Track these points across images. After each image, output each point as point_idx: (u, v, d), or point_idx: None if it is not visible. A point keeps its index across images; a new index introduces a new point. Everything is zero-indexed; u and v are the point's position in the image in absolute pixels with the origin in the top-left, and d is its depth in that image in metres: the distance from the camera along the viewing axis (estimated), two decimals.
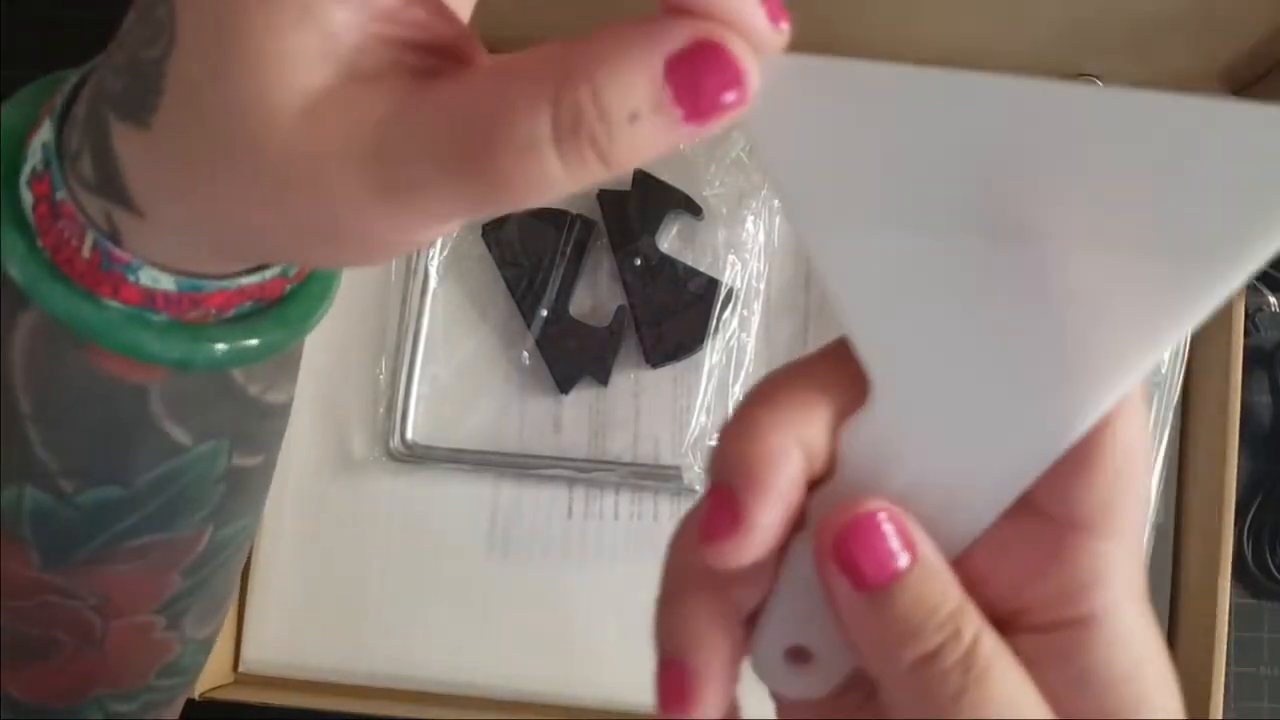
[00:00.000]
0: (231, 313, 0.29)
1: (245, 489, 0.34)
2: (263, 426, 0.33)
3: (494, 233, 0.62)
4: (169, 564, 0.33)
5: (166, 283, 0.27)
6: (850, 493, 0.25)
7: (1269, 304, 0.64)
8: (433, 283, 0.64)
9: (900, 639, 0.23)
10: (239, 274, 0.28)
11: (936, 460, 0.24)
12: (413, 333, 0.63)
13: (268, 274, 0.29)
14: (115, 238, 0.26)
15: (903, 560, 0.23)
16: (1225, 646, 0.59)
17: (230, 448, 0.32)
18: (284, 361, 0.33)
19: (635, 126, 0.20)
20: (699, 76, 0.20)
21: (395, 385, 0.63)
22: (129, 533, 0.31)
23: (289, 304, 0.31)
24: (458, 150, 0.20)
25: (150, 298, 0.27)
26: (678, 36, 0.20)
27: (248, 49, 0.21)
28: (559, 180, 0.20)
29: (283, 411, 0.35)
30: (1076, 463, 0.23)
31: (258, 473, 0.35)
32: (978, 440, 0.24)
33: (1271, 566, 0.65)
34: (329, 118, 0.21)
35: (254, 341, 0.29)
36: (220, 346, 0.29)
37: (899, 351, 0.24)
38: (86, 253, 0.26)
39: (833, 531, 0.23)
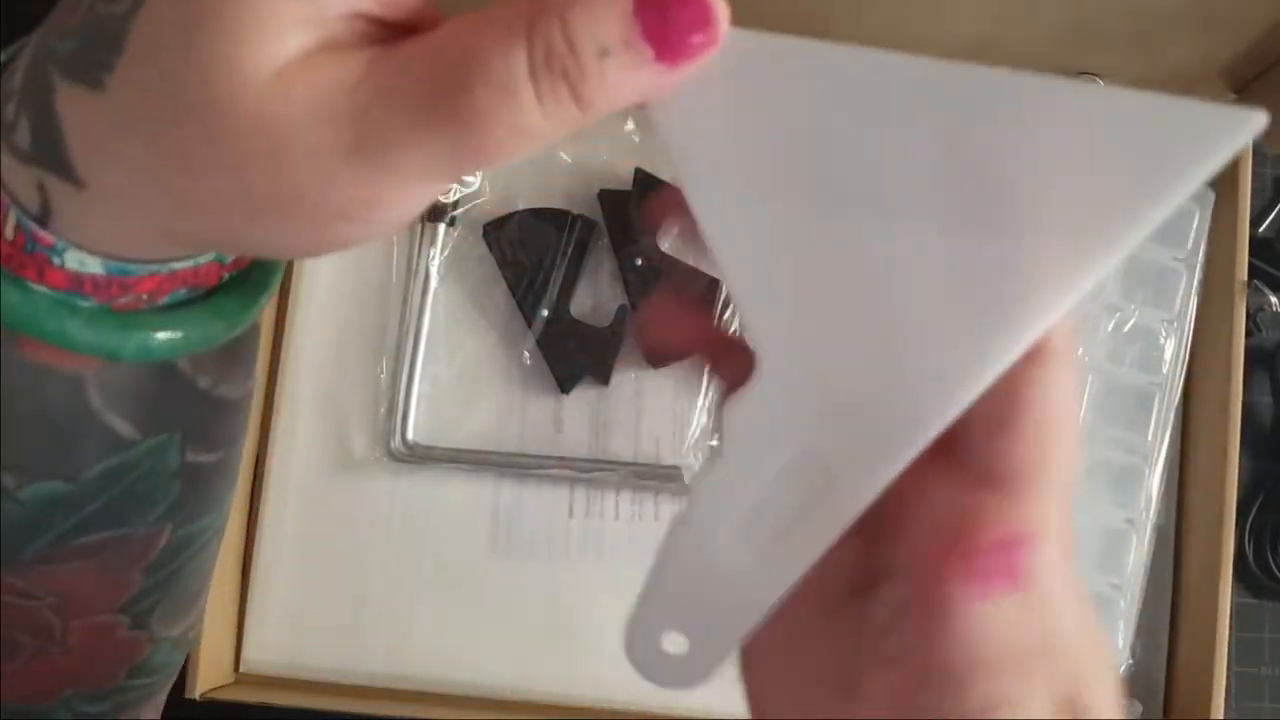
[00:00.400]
0: (164, 300, 0.28)
1: (205, 486, 0.33)
2: (218, 422, 0.32)
3: (495, 232, 0.62)
4: (127, 562, 0.32)
5: (94, 266, 0.26)
6: (734, 472, 0.25)
7: (1270, 304, 0.64)
8: (434, 282, 0.64)
9: None
10: (171, 258, 0.27)
11: (818, 435, 0.24)
12: (414, 332, 0.63)
13: (201, 258, 0.28)
14: (45, 213, 0.25)
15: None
16: (1226, 646, 0.59)
17: (182, 443, 0.31)
18: (235, 354, 0.32)
19: (605, 63, 0.21)
20: (668, 12, 0.20)
21: (396, 385, 0.63)
22: (79, 529, 0.31)
23: (227, 294, 0.29)
24: (433, 95, 0.21)
25: (78, 282, 0.26)
26: None
27: (229, 7, 0.21)
28: (535, 121, 0.21)
29: (239, 407, 0.33)
30: (1000, 421, 0.23)
31: (218, 469, 0.34)
32: (859, 418, 0.24)
33: (1273, 566, 0.65)
34: (300, 81, 0.21)
35: (188, 333, 0.28)
36: (151, 336, 0.28)
37: (784, 326, 0.24)
38: (9, 234, 0.25)
39: None
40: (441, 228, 0.63)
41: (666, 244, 0.63)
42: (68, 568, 0.31)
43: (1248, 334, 0.62)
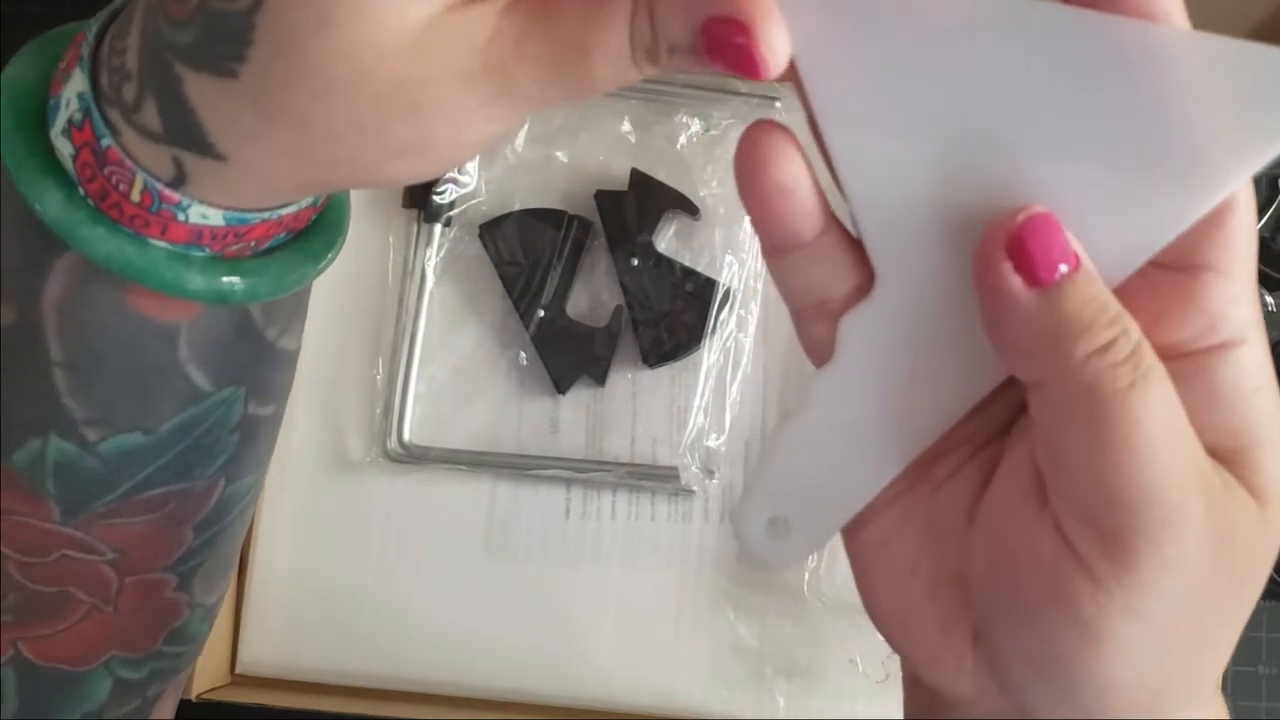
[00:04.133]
0: (267, 245, 0.30)
1: (257, 440, 0.35)
2: (275, 375, 0.34)
3: (491, 233, 0.62)
4: (183, 517, 0.33)
5: (215, 218, 0.28)
6: (849, 378, 0.27)
7: (1266, 304, 0.64)
8: (430, 283, 0.64)
9: (1074, 333, 0.23)
10: (282, 205, 0.29)
11: (931, 355, 0.26)
12: (410, 333, 0.63)
13: (303, 203, 0.30)
14: (179, 181, 0.27)
15: (1071, 261, 0.24)
16: None
17: (246, 395, 0.33)
18: (297, 304, 0.34)
19: (673, 55, 0.24)
20: (727, 39, 0.23)
21: (392, 386, 0.63)
22: (148, 482, 0.32)
23: (311, 237, 0.32)
24: (559, 59, 0.24)
25: (198, 234, 0.28)
26: (719, 6, 0.23)
27: None
28: (631, 78, 0.25)
29: (293, 360, 0.35)
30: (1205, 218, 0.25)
31: (268, 424, 0.35)
32: (972, 338, 0.26)
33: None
34: (435, 46, 0.23)
35: (288, 274, 0.31)
36: (259, 279, 0.30)
37: (905, 248, 0.26)
38: (136, 196, 0.27)
39: (1006, 229, 0.24)
40: (438, 228, 0.63)
41: (662, 244, 0.63)
42: (131, 522, 0.33)
43: None
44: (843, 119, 0.25)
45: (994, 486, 0.27)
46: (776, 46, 0.23)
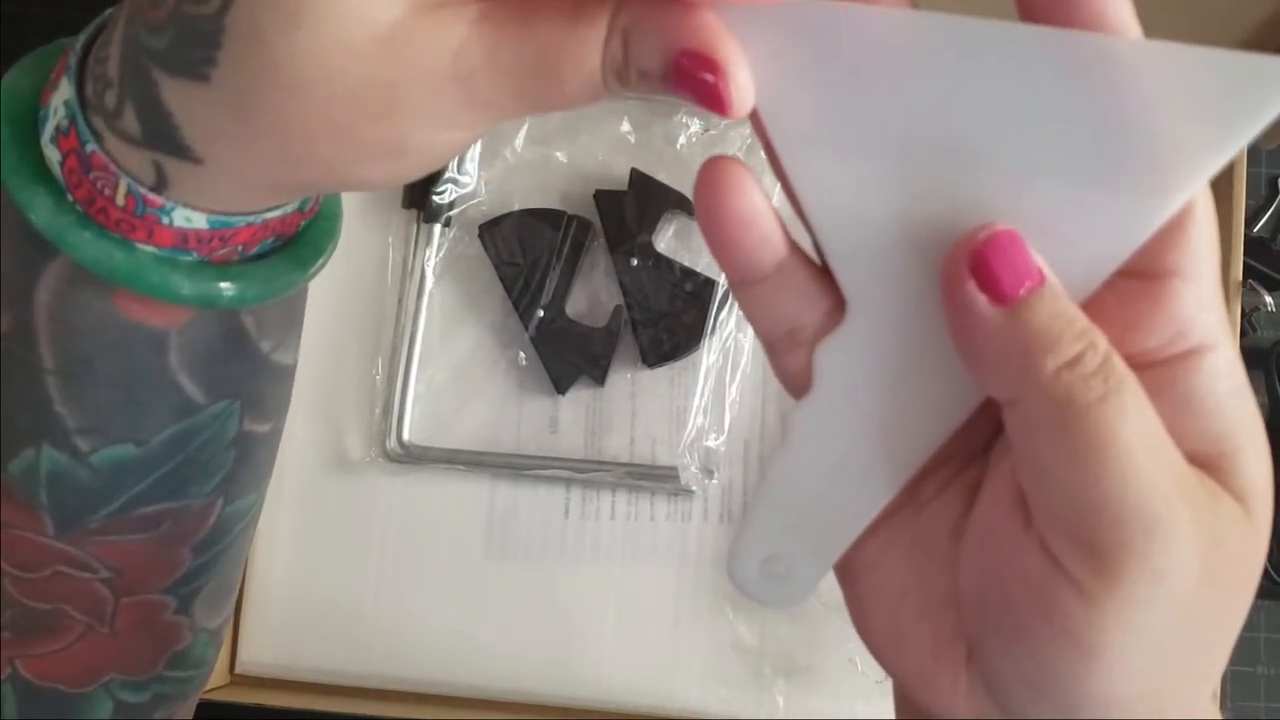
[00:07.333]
0: (255, 250, 0.30)
1: (255, 458, 0.35)
2: (271, 390, 0.34)
3: (490, 233, 0.62)
4: (181, 537, 0.33)
5: (199, 221, 0.28)
6: (830, 408, 0.27)
7: (1265, 304, 0.64)
8: (429, 283, 0.64)
9: (1043, 348, 0.23)
10: (266, 209, 0.29)
11: (906, 378, 0.26)
12: (409, 333, 0.63)
13: (288, 208, 0.30)
14: (160, 185, 0.27)
15: (1035, 276, 0.24)
16: None
17: (241, 410, 0.33)
18: (291, 315, 0.34)
19: (642, 79, 0.24)
20: (697, 73, 0.24)
21: (392, 386, 0.63)
22: (142, 498, 0.32)
23: (300, 244, 0.32)
24: (530, 74, 0.24)
25: (183, 238, 0.28)
26: (694, 40, 0.23)
27: None
28: (598, 97, 0.25)
29: (289, 375, 0.35)
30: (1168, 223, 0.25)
31: (266, 442, 0.35)
32: (944, 358, 0.25)
33: (1268, 566, 0.65)
34: (405, 48, 0.23)
35: (275, 279, 0.31)
36: (247, 283, 0.30)
37: (873, 275, 0.26)
38: (120, 200, 0.28)
39: (968, 249, 0.24)
40: (437, 228, 0.63)
41: (662, 244, 0.63)
42: (126, 539, 0.32)
43: (1243, 334, 0.62)
44: (800, 146, 0.25)
45: (978, 505, 0.27)
46: (744, 88, 0.23)
